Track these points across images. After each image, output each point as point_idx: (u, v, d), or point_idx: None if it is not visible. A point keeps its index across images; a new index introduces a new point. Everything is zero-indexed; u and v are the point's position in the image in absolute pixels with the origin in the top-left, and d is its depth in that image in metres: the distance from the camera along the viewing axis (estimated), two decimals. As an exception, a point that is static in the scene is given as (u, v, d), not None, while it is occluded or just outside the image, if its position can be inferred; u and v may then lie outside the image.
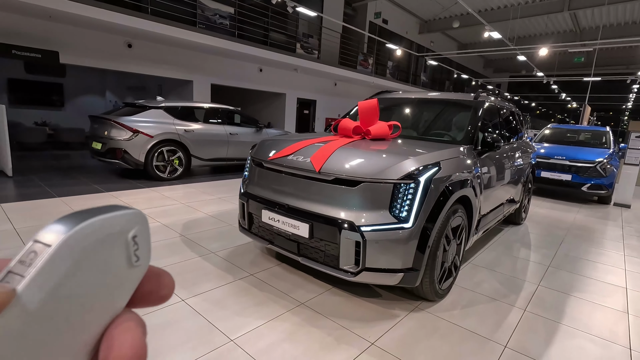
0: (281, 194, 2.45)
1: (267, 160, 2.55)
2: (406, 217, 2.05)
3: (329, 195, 2.21)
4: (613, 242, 4.13)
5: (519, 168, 3.97)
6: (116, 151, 5.42)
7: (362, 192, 2.11)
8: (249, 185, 2.75)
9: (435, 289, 2.31)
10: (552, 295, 2.66)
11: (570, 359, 1.91)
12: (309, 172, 2.27)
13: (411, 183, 2.08)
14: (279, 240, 2.46)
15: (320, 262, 2.25)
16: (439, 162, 2.25)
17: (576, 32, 17.25)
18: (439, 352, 1.88)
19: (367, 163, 2.19)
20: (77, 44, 7.00)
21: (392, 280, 2.10)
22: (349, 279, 2.10)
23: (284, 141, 2.71)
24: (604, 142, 7.31)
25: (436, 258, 2.21)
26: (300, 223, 2.25)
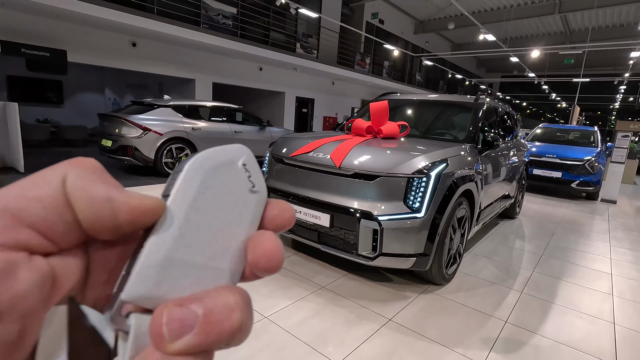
0: (302, 188, 2.65)
1: (289, 156, 2.75)
2: (419, 208, 2.29)
3: (348, 188, 2.43)
4: (600, 235, 4.44)
5: (514, 165, 4.23)
6: (127, 148, 5.58)
7: (378, 185, 2.34)
8: (269, 180, 2.95)
9: (443, 273, 2.56)
10: (546, 280, 2.94)
11: (562, 332, 2.18)
12: (330, 168, 2.49)
13: (423, 177, 2.32)
14: (300, 230, 2.67)
15: (339, 248, 2.47)
16: (447, 158, 2.50)
17: (566, 33, 17.72)
18: (449, 326, 2.14)
19: (383, 159, 2.42)
20: (84, 42, 7.11)
21: (405, 264, 2.33)
22: (367, 263, 2.34)
23: (302, 139, 2.93)
24: (591, 141, 7.67)
25: (444, 245, 2.45)
26: (322, 214, 2.47)
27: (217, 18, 8.41)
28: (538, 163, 6.76)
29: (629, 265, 3.43)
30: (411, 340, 1.97)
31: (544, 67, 20.23)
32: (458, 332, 2.09)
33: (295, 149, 2.77)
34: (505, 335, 2.09)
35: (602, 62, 20.03)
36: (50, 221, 0.17)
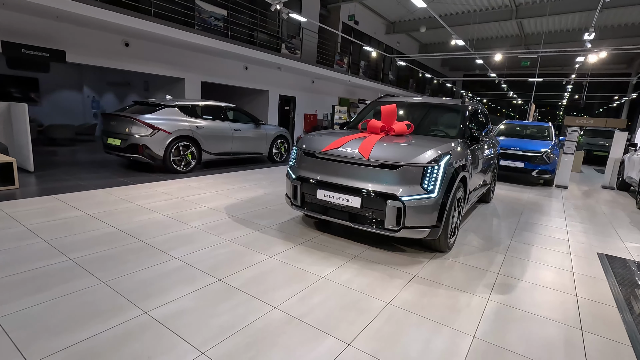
0: (334, 177, 3.23)
1: (321, 151, 3.32)
2: (432, 190, 2.95)
3: (375, 176, 3.03)
4: (557, 212, 5.40)
5: (491, 157, 5.06)
6: (138, 147, 5.86)
7: (401, 173, 2.95)
8: (300, 171, 3.49)
9: (447, 242, 3.25)
10: (521, 246, 3.75)
11: (537, 278, 2.95)
12: (359, 160, 3.09)
13: (435, 166, 2.97)
14: (331, 213, 3.27)
15: (368, 224, 3.09)
16: (449, 151, 3.14)
17: (521, 37, 19.39)
18: (457, 278, 2.84)
19: (403, 152, 3.05)
20: (80, 43, 7.18)
21: (422, 234, 2.99)
22: (392, 235, 2.99)
23: (327, 137, 3.51)
24: (546, 135, 8.83)
25: (449, 219, 3.14)
26: (353, 197, 3.07)
27: (210, 20, 8.69)
28: (504, 155, 7.75)
29: (580, 234, 4.34)
30: (434, 288, 2.64)
31: (504, 67, 21.95)
32: (465, 281, 2.79)
33: (325, 145, 3.34)
34: (499, 282, 2.82)
35: (552, 62, 22.06)
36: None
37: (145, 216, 3.83)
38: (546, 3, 14.03)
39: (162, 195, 4.75)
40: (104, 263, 2.65)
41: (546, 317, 2.32)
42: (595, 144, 14.07)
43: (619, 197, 7.18)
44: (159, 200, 4.53)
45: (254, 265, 2.80)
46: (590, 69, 19.21)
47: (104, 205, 4.13)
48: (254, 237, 3.42)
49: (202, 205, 4.43)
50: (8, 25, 6.20)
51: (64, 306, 2.07)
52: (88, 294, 2.22)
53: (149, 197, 4.65)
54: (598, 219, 5.14)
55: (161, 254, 2.88)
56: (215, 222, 3.81)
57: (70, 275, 2.44)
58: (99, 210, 3.92)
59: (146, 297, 2.22)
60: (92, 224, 3.46)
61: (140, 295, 2.23)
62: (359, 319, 2.15)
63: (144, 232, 3.34)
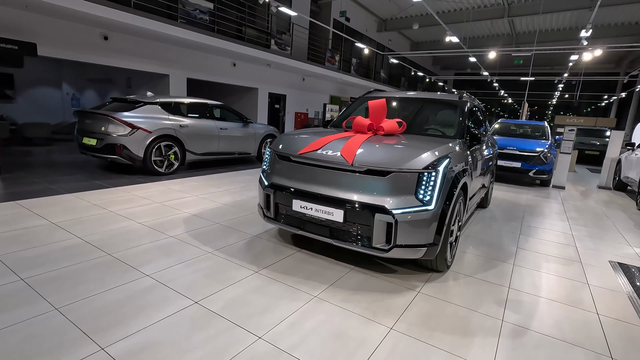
0: (312, 185, 2.68)
1: (297, 154, 2.76)
2: (429, 201, 2.43)
3: (360, 184, 2.50)
4: (559, 215, 5.18)
5: (490, 158, 4.59)
6: (115, 147, 5.44)
7: (391, 180, 2.43)
8: (274, 178, 2.94)
9: (446, 262, 2.78)
10: (528, 254, 3.48)
11: (553, 290, 2.67)
12: (342, 165, 2.54)
13: (432, 172, 2.45)
14: (309, 227, 2.71)
15: (353, 242, 2.55)
16: (448, 154, 2.64)
17: (512, 36, 19.35)
18: (465, 294, 2.54)
19: (394, 156, 2.52)
20: (54, 35, 6.71)
21: (417, 254, 2.47)
22: (382, 255, 2.46)
23: (305, 137, 2.97)
24: (542, 134, 8.66)
25: (449, 234, 2.64)
26: (335, 209, 2.53)
27: (195, 13, 8.27)
28: (501, 154, 7.54)
29: (587, 239, 4.10)
30: (441, 306, 2.34)
31: (496, 66, 21.92)
32: (474, 297, 2.50)
33: (302, 147, 2.80)
34: (511, 298, 2.53)
35: (542, 61, 22.10)
36: None
37: (118, 225, 3.45)
38: (539, 1, 13.94)
39: (140, 200, 4.37)
40: (61, 284, 2.28)
41: (570, 343, 2.04)
42: (587, 143, 14.05)
43: (617, 197, 7.03)
44: (136, 205, 4.14)
45: (238, 283, 2.46)
46: (583, 68, 19.28)
47: (73, 212, 3.74)
48: (237, 249, 3.08)
49: (183, 211, 4.06)
50: (-29, 14, 5.71)
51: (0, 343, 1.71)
52: (34, 325, 1.85)
53: (126, 202, 4.26)
54: (601, 222, 4.92)
55: (130, 271, 2.52)
56: (196, 230, 3.46)
57: (16, 300, 2.07)
58: (65, 218, 3.53)
59: (106, 328, 1.86)
60: (55, 235, 3.07)
61: (98, 326, 1.88)
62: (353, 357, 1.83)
63: (114, 244, 2.97)
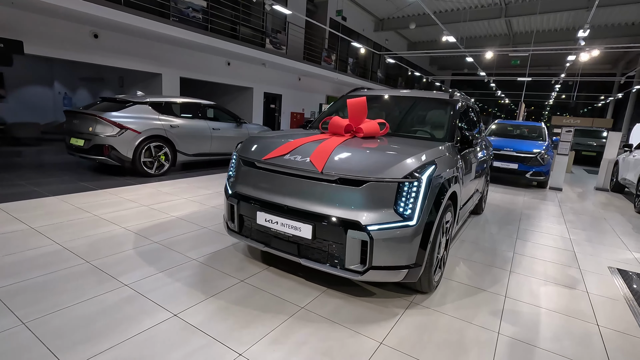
0: (278, 195, 2.37)
1: (261, 160, 2.45)
2: (410, 215, 2.09)
3: (332, 195, 2.17)
4: (556, 218, 5.09)
5: (484, 162, 4.29)
6: (103, 148, 5.30)
7: (366, 191, 2.09)
8: (238, 186, 2.63)
9: (431, 282, 2.42)
10: (525, 260, 3.38)
11: (552, 299, 2.57)
12: (310, 172, 2.21)
13: (414, 181, 2.12)
14: (276, 243, 2.39)
15: (323, 262, 2.23)
16: (434, 160, 2.32)
17: (510, 36, 19.31)
18: (461, 303, 2.43)
19: (370, 162, 2.18)
20: (41, 33, 6.55)
21: (397, 277, 2.14)
22: (356, 279, 2.11)
23: (274, 139, 2.65)
24: (539, 135, 8.58)
25: (434, 252, 2.30)
26: (302, 224, 2.20)
27: (187, 11, 8.13)
28: (497, 156, 7.45)
29: (585, 244, 4.01)
30: (435, 317, 2.23)
31: (493, 66, 21.89)
32: (468, 307, 2.39)
33: (269, 151, 2.47)
34: (508, 308, 2.43)
35: (539, 62, 22.10)
36: None
37: (100, 229, 3.32)
38: (536, 1, 13.88)
39: (126, 203, 4.23)
40: (32, 295, 2.15)
41: (570, 359, 1.93)
42: (584, 144, 14.02)
43: (614, 199, 6.96)
44: (122, 209, 4.01)
45: (223, 292, 2.34)
46: (580, 68, 19.27)
47: (55, 216, 3.60)
48: (224, 255, 2.96)
49: (170, 214, 3.93)
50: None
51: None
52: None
53: (111, 205, 4.12)
54: (600, 226, 4.84)
55: (108, 281, 2.39)
56: (182, 235, 3.33)
57: (-18, 314, 1.94)
58: (46, 222, 3.39)
59: (74, 345, 1.74)
60: (32, 241, 2.94)
61: (66, 343, 1.75)
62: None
63: (94, 251, 2.84)
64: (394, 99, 3.71)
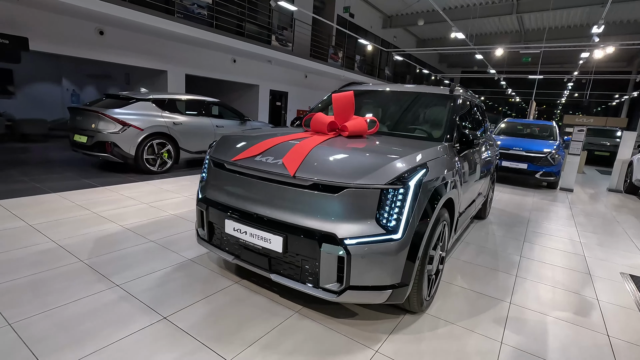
0: (248, 201, 2.13)
1: (230, 161, 2.20)
2: (395, 227, 1.82)
3: (306, 203, 1.92)
4: (567, 220, 4.92)
5: (488, 163, 3.94)
6: (105, 145, 5.29)
7: (344, 199, 1.83)
8: (209, 190, 2.41)
9: (422, 301, 2.14)
10: (533, 264, 3.26)
11: (559, 307, 2.45)
12: (282, 177, 1.95)
13: (400, 188, 1.85)
14: (246, 255, 2.16)
15: (296, 279, 1.99)
16: (426, 163, 2.05)
17: (521, 33, 18.92)
18: (463, 310, 2.33)
19: (349, 166, 1.92)
20: (47, 29, 6.57)
21: (379, 298, 1.88)
22: (332, 300, 1.86)
23: (249, 138, 2.40)
24: (550, 134, 8.36)
25: (424, 269, 2.04)
26: (272, 235, 1.96)
27: (192, 7, 8.09)
28: (506, 155, 7.28)
29: (596, 248, 3.86)
30: (434, 323, 2.14)
31: (503, 64, 21.50)
32: (470, 314, 2.28)
33: (240, 152, 2.22)
34: (512, 315, 2.32)
35: (552, 59, 21.62)
36: None
37: (98, 227, 3.29)
38: (548, -3, 13.54)
39: (126, 201, 4.20)
40: (21, 294, 2.11)
41: (578, 372, 1.82)
42: (597, 144, 13.68)
43: (628, 201, 6.74)
44: (122, 206, 3.98)
45: (216, 295, 2.27)
46: (594, 66, 18.80)
47: (54, 213, 3.58)
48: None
49: (169, 212, 3.89)
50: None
51: (-61, 365, 1.54)
52: (-20, 344, 1.68)
53: (111, 202, 4.10)
54: (612, 228, 4.67)
55: (100, 281, 2.34)
56: (179, 234, 3.28)
57: (-32, 314, 1.90)
58: (44, 219, 3.37)
59: (58, 348, 1.68)
60: (28, 238, 2.91)
61: (50, 346, 1.70)
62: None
63: (89, 249, 2.80)
64: (387, 94, 3.36)
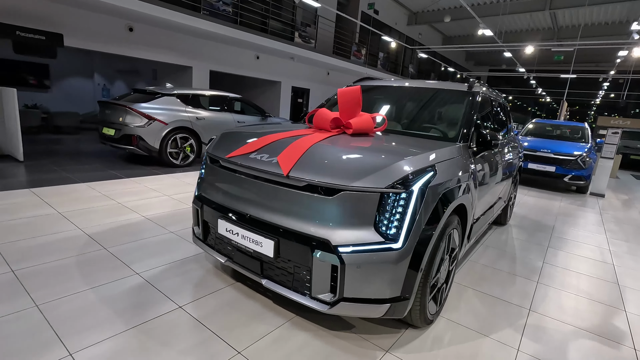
0: (241, 201, 2.02)
1: (225, 158, 2.10)
2: (395, 235, 1.66)
3: (299, 206, 1.79)
4: (595, 227, 4.70)
5: (510, 166, 3.68)
6: (131, 138, 5.48)
7: (340, 202, 1.69)
8: (204, 188, 2.32)
9: (425, 316, 1.96)
10: (556, 271, 3.13)
11: (582, 317, 2.35)
12: (275, 176, 1.83)
13: (402, 192, 1.69)
14: (238, 257, 2.06)
15: (287, 287, 1.86)
16: (434, 165, 1.88)
17: (554, 30, 18.13)
18: (479, 314, 2.27)
19: (348, 166, 1.78)
20: (80, 26, 6.85)
21: (376, 312, 1.73)
22: (324, 311, 1.71)
23: (248, 134, 2.30)
24: (582, 136, 7.99)
25: (428, 282, 1.85)
26: (264, 239, 1.85)
27: (218, 4, 8.23)
28: (533, 157, 7.01)
29: (627, 257, 3.66)
30: (449, 326, 2.09)
31: (533, 62, 20.70)
32: (487, 319, 2.22)
33: (235, 148, 2.11)
34: (531, 323, 2.24)
35: (586, 58, 20.61)
36: None
37: (122, 217, 3.41)
38: (585, -8, 12.90)
39: (149, 192, 4.34)
40: (49, 278, 2.23)
41: (599, 385, 1.74)
42: (633, 147, 12.98)
43: (665, 209, 6.35)
44: (145, 198, 4.12)
45: (229, 287, 2.32)
46: (632, 65, 17.79)
47: (81, 202, 3.75)
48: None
49: (189, 204, 3.99)
50: (2, 4, 5.89)
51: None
52: (10, 323, 1.79)
53: (135, 193, 4.24)
54: (645, 237, 4.42)
55: (121, 268, 2.43)
56: (199, 226, 3.35)
57: (0, 293, 2.02)
58: (73, 207, 3.53)
59: (80, 331, 1.77)
60: (57, 225, 3.06)
61: (73, 328, 1.78)
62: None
63: (112, 238, 2.91)
64: (399, 90, 3.15)
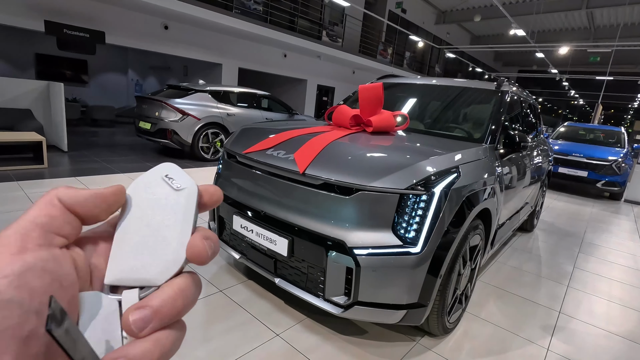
0: (257, 198, 1.98)
1: (242, 153, 2.07)
2: (414, 239, 1.59)
3: (315, 205, 1.74)
4: (630, 234, 4.57)
5: (538, 170, 3.51)
6: (166, 132, 5.73)
7: (358, 202, 1.63)
8: (221, 183, 2.30)
9: (444, 324, 1.88)
10: (586, 276, 3.09)
11: (612, 321, 2.33)
12: (291, 173, 1.78)
13: (423, 194, 1.62)
14: (252, 254, 2.03)
15: (301, 287, 1.82)
16: (458, 166, 1.79)
17: (590, 30, 17.42)
18: (509, 313, 2.30)
19: (366, 165, 1.72)
20: (120, 24, 7.21)
21: (392, 318, 1.66)
22: (337, 314, 1.66)
23: (266, 130, 2.29)
24: (617, 141, 7.69)
25: (448, 288, 1.76)
26: (278, 237, 1.81)
27: (249, 3, 8.43)
28: (564, 161, 6.83)
29: (663, 266, 3.56)
30: (478, 324, 2.14)
31: (567, 63, 19.96)
32: (517, 318, 2.25)
33: (253, 144, 2.09)
34: (561, 325, 2.25)
35: (624, 59, 19.69)
36: (60, 224, 0.23)
37: (160, 206, 3.61)
38: (625, -10, 12.34)
39: (183, 184, 4.55)
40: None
41: (631, 387, 1.75)
42: (672, 154, 12.31)
43: None
44: (180, 188, 4.32)
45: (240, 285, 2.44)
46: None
47: (123, 190, 3.98)
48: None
49: (222, 197, 4.16)
50: (50, 4, 6.28)
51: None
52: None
53: (170, 184, 4.46)
54: (684, 247, 4.25)
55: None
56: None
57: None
58: (115, 196, 3.77)
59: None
60: (104, 211, 3.29)
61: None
62: (378, 363, 1.71)
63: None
64: (423, 88, 3.06)
